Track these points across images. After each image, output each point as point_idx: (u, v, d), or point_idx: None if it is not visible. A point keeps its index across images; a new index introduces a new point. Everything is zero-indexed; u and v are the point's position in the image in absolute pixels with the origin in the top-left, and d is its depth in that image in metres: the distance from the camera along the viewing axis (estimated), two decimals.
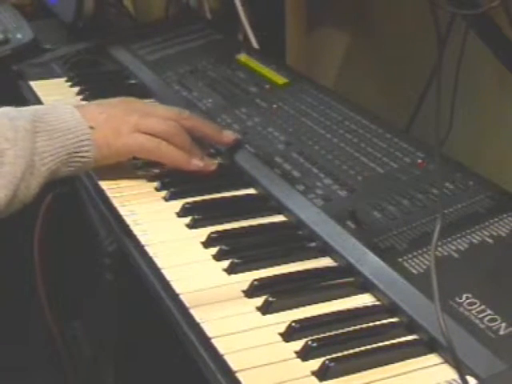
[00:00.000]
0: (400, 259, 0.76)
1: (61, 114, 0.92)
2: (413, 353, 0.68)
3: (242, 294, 0.76)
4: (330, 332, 0.70)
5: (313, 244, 0.83)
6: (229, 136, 1.01)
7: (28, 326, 1.40)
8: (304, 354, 0.67)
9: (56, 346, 1.28)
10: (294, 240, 0.85)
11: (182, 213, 0.89)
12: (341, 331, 0.70)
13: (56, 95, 1.24)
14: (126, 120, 0.95)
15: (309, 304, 0.74)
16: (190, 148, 0.97)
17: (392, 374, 0.66)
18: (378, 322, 0.72)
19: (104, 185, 0.96)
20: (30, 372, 1.42)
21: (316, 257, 0.82)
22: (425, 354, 0.68)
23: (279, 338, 0.70)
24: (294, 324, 0.70)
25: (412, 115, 1.17)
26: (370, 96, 1.31)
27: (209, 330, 0.71)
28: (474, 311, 0.68)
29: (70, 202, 1.12)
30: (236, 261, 0.80)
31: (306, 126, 1.03)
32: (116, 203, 0.92)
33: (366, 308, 0.74)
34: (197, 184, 0.96)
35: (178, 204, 0.91)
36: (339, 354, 0.67)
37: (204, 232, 0.85)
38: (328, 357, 0.66)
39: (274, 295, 0.74)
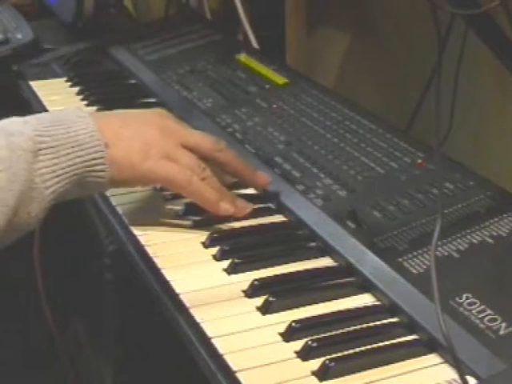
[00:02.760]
0: (400, 259, 0.76)
1: (72, 124, 0.79)
2: (413, 353, 0.68)
3: (242, 294, 0.76)
4: (330, 332, 0.70)
5: (313, 244, 0.83)
6: (263, 178, 0.90)
7: (28, 325, 1.40)
8: (304, 354, 0.67)
9: (56, 346, 1.28)
10: (294, 240, 0.85)
11: (182, 213, 0.89)
12: (341, 331, 0.70)
13: (56, 95, 1.24)
14: (158, 143, 0.83)
15: (309, 304, 0.74)
16: (221, 188, 0.86)
17: (392, 374, 0.66)
18: (378, 322, 0.72)
19: None
20: (29, 372, 1.42)
21: (316, 257, 0.82)
22: (425, 354, 0.68)
23: (279, 338, 0.70)
24: (294, 324, 0.70)
25: (412, 115, 1.17)
26: (370, 96, 1.31)
27: (209, 329, 0.71)
28: (474, 311, 0.68)
29: (70, 202, 1.12)
30: (236, 261, 0.80)
31: (305, 126, 1.03)
32: (116, 203, 0.92)
33: (366, 308, 0.74)
34: None
35: (177, 204, 0.91)
36: (339, 354, 0.67)
37: (204, 232, 0.85)
38: (328, 357, 0.66)
39: (274, 295, 0.74)
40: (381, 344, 0.69)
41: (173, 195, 0.92)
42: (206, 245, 0.84)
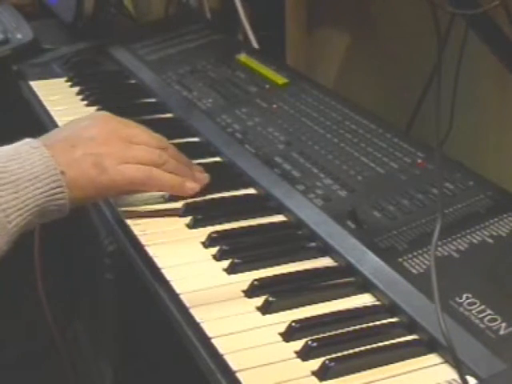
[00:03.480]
0: (400, 259, 0.76)
1: (26, 158, 0.80)
2: (413, 353, 0.68)
3: (242, 294, 0.76)
4: (329, 332, 0.70)
5: (313, 244, 0.83)
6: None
7: (28, 325, 1.40)
8: (304, 354, 0.67)
9: (56, 346, 1.28)
10: (294, 240, 0.85)
11: (182, 213, 0.89)
12: (341, 331, 0.70)
13: (56, 95, 1.24)
14: (108, 152, 0.85)
15: (309, 304, 0.74)
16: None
17: (392, 374, 0.66)
18: (377, 322, 0.72)
19: None
20: (30, 372, 1.42)
21: (316, 257, 0.82)
22: (425, 354, 0.68)
23: (279, 338, 0.70)
24: (294, 324, 0.70)
25: (412, 115, 1.17)
26: (370, 96, 1.31)
27: (209, 329, 0.71)
28: (474, 311, 0.68)
29: None
30: (236, 261, 0.80)
31: (305, 126, 1.03)
32: (116, 203, 0.92)
33: (366, 308, 0.74)
34: None
35: (178, 204, 0.91)
36: (339, 354, 0.67)
37: (204, 232, 0.85)
38: (328, 357, 0.66)
39: (274, 295, 0.74)
40: (381, 344, 0.69)
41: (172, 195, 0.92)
42: (206, 245, 0.84)
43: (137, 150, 0.88)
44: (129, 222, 0.88)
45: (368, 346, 0.68)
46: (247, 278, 0.77)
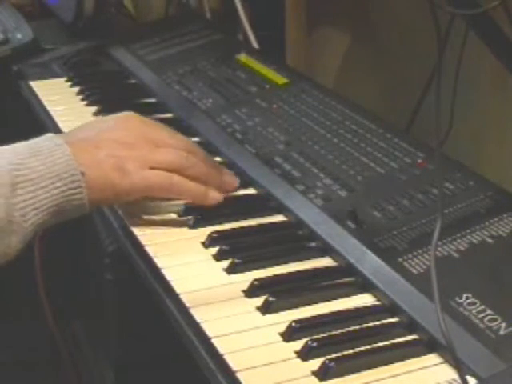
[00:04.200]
0: (400, 259, 0.76)
1: (48, 155, 0.78)
2: (413, 353, 0.68)
3: (242, 294, 0.76)
4: (329, 332, 0.70)
5: (313, 244, 0.83)
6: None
7: (28, 326, 1.40)
8: (304, 354, 0.67)
9: (56, 346, 1.28)
10: (294, 240, 0.85)
11: (182, 213, 0.89)
12: (341, 331, 0.70)
13: (56, 95, 1.24)
14: (132, 155, 0.83)
15: (309, 304, 0.74)
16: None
17: (392, 374, 0.66)
18: (377, 322, 0.72)
19: None
20: (29, 372, 1.42)
21: (316, 257, 0.82)
22: (425, 354, 0.68)
23: (279, 338, 0.70)
24: (294, 324, 0.70)
25: (412, 115, 1.17)
26: (370, 96, 1.31)
27: (209, 330, 0.70)
28: (474, 311, 0.68)
29: None
30: (236, 261, 0.80)
31: (305, 125, 1.03)
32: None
33: (366, 308, 0.74)
34: None
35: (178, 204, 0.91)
36: (339, 354, 0.67)
37: (204, 232, 0.85)
38: (328, 357, 0.66)
39: (274, 295, 0.74)
40: (381, 344, 0.69)
41: None
42: (205, 245, 0.84)
43: (163, 154, 0.85)
44: (129, 222, 0.88)
45: (368, 346, 0.68)
46: (247, 277, 0.77)
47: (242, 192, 0.95)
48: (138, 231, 0.86)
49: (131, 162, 0.83)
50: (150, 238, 0.85)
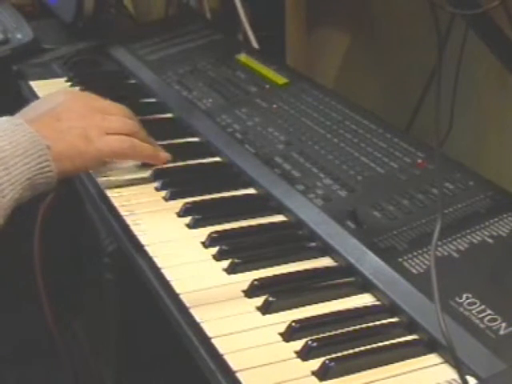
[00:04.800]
0: (400, 259, 0.76)
1: (11, 135, 0.84)
2: (413, 353, 0.68)
3: (242, 294, 0.76)
4: (330, 332, 0.70)
5: (313, 244, 0.83)
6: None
7: (28, 325, 1.40)
8: (304, 354, 0.67)
9: (56, 346, 1.28)
10: (294, 240, 0.85)
11: (182, 213, 0.89)
12: (341, 331, 0.70)
13: None
14: (89, 124, 0.91)
15: (309, 304, 0.74)
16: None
17: (392, 374, 0.66)
18: (377, 322, 0.72)
19: (104, 185, 0.96)
20: (29, 372, 1.42)
21: (316, 257, 0.82)
22: (425, 354, 0.68)
23: (279, 338, 0.70)
24: (294, 324, 0.70)
25: (412, 115, 1.17)
26: (370, 96, 1.31)
27: (209, 330, 0.71)
28: (474, 311, 0.68)
29: (70, 202, 1.12)
30: (236, 261, 0.80)
31: (305, 126, 1.03)
32: (116, 203, 0.92)
33: (366, 308, 0.74)
34: (197, 184, 0.96)
35: (178, 204, 0.91)
36: (339, 354, 0.67)
37: (204, 232, 0.85)
38: (328, 357, 0.66)
39: (274, 295, 0.74)
40: (381, 344, 0.69)
41: (172, 194, 0.92)
42: (206, 245, 0.84)
43: (115, 122, 0.94)
44: (129, 221, 0.88)
45: (368, 346, 0.68)
46: (247, 277, 0.77)
47: (242, 192, 0.95)
48: (137, 231, 0.86)
49: (92, 130, 0.91)
50: (150, 238, 0.85)
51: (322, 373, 0.65)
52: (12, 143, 0.83)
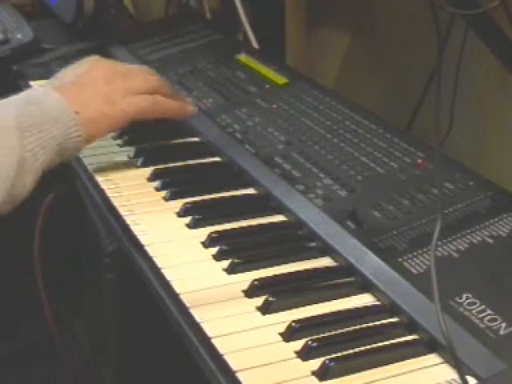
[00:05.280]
0: (400, 259, 0.76)
1: (43, 102, 0.90)
2: (413, 353, 0.68)
3: (242, 294, 0.76)
4: (330, 332, 0.70)
5: (313, 244, 0.83)
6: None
7: (28, 325, 1.40)
8: (304, 354, 0.67)
9: (56, 346, 1.28)
10: (294, 240, 0.85)
11: (182, 213, 0.89)
12: (341, 331, 0.70)
13: None
14: (114, 87, 0.95)
15: (309, 304, 0.74)
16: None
17: (392, 374, 0.66)
18: (377, 322, 0.72)
19: (104, 185, 0.96)
20: (29, 372, 1.42)
21: (316, 257, 0.82)
22: (425, 354, 0.68)
23: (279, 338, 0.70)
24: (294, 324, 0.70)
25: (412, 115, 1.17)
26: (370, 96, 1.31)
27: (209, 329, 0.71)
28: (474, 311, 0.68)
29: (70, 202, 1.12)
30: (236, 261, 0.80)
31: (305, 126, 1.03)
32: (116, 203, 0.92)
33: (366, 308, 0.74)
34: (197, 184, 0.96)
35: (177, 204, 0.91)
36: (339, 354, 0.67)
37: (204, 232, 0.85)
38: (328, 357, 0.66)
39: (274, 295, 0.74)
40: (381, 344, 0.69)
41: (172, 194, 0.92)
42: (206, 245, 0.84)
43: (138, 81, 0.98)
44: (129, 221, 0.88)
45: (368, 346, 0.68)
46: (247, 277, 0.77)
47: (242, 192, 0.95)
48: (137, 231, 0.86)
49: (115, 93, 0.95)
50: (150, 238, 0.85)
51: (322, 373, 0.65)
52: (41, 110, 0.88)
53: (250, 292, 0.76)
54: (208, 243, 0.84)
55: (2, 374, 1.37)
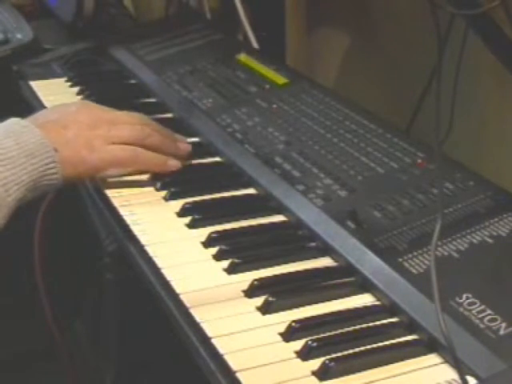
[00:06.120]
0: (400, 259, 0.76)
1: (21, 136, 0.87)
2: (413, 353, 0.68)
3: (242, 294, 0.76)
4: (329, 332, 0.70)
5: (313, 244, 0.83)
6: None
7: (28, 325, 1.40)
8: (304, 354, 0.67)
9: (56, 346, 1.28)
10: (294, 240, 0.85)
11: (182, 213, 0.89)
12: (341, 331, 0.70)
13: (56, 95, 1.24)
14: (96, 133, 0.93)
15: (309, 304, 0.74)
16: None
17: (392, 374, 0.66)
18: (377, 322, 0.72)
19: (104, 185, 0.96)
20: (29, 372, 1.42)
21: (316, 257, 0.82)
22: (425, 354, 0.68)
23: (279, 338, 0.70)
24: (294, 324, 0.70)
25: (412, 115, 1.17)
26: (370, 96, 1.31)
27: (209, 330, 0.71)
28: (474, 311, 0.68)
29: (70, 202, 1.12)
30: (236, 261, 0.80)
31: (306, 125, 1.03)
32: (116, 203, 0.92)
33: (366, 308, 0.74)
34: (197, 184, 0.96)
35: (177, 204, 0.91)
36: (339, 354, 0.67)
37: (204, 232, 0.85)
38: (328, 357, 0.66)
39: (274, 295, 0.74)
40: (381, 344, 0.69)
41: (172, 194, 0.92)
42: (205, 245, 0.84)
43: (120, 130, 0.94)
44: (129, 221, 0.88)
45: (368, 346, 0.68)
46: (247, 277, 0.77)
47: (242, 192, 0.95)
48: (138, 231, 0.86)
49: (96, 139, 0.92)
50: (150, 238, 0.85)
51: (321, 373, 0.65)
52: (19, 144, 0.86)
53: (250, 292, 0.76)
54: (208, 243, 0.84)
55: (2, 375, 1.37)
